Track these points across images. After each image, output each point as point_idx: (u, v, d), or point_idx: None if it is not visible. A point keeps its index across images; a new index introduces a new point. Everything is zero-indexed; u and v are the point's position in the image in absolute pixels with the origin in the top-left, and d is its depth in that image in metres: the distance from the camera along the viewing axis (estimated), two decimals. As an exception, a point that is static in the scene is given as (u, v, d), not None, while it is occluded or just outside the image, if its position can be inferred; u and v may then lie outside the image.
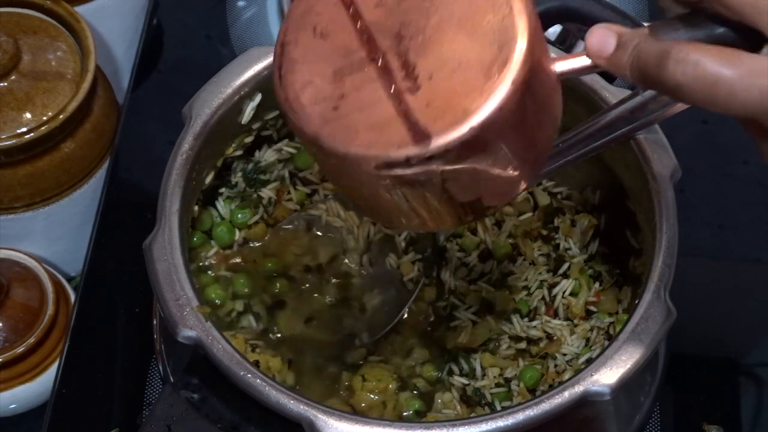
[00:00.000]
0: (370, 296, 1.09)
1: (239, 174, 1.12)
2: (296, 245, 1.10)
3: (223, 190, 1.12)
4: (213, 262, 1.09)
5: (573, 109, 1.07)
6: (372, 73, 0.75)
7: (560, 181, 1.14)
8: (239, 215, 1.11)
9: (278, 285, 1.09)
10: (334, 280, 1.09)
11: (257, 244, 1.11)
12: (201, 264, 1.09)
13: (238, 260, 1.10)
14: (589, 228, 1.11)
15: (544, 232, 1.12)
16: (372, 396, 1.04)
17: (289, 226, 1.11)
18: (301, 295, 1.09)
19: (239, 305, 1.08)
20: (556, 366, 1.05)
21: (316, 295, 1.09)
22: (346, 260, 1.10)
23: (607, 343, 1.02)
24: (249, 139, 1.10)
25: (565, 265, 1.09)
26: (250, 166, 1.12)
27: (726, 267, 1.24)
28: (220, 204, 1.12)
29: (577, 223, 1.11)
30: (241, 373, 0.91)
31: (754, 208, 1.27)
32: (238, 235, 1.11)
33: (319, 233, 1.11)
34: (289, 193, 1.13)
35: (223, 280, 1.09)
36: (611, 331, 1.06)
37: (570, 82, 1.05)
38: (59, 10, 1.26)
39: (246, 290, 1.08)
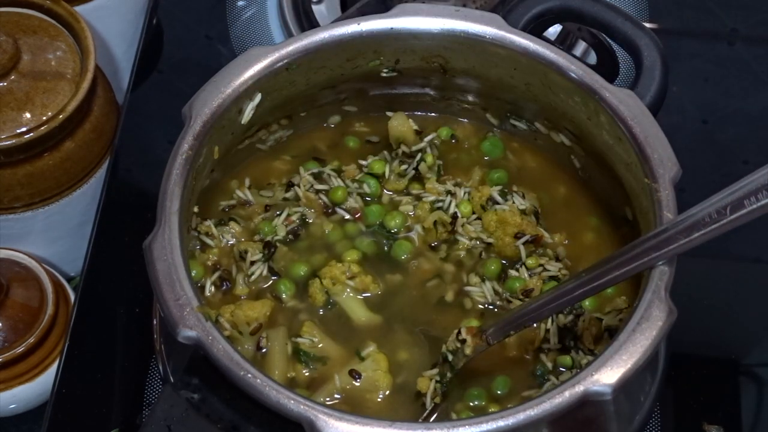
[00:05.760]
0: None
1: None
2: None
3: None
4: None
5: (573, 105, 1.08)
6: None
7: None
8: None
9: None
10: None
11: None
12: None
13: None
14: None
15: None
16: None
17: None
18: None
19: None
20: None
21: None
22: None
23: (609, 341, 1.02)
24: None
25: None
26: None
27: (726, 267, 1.24)
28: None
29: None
30: (241, 373, 0.91)
31: (754, 208, 1.27)
32: None
33: None
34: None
35: None
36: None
37: (570, 81, 1.05)
38: (59, 9, 1.27)
39: None
